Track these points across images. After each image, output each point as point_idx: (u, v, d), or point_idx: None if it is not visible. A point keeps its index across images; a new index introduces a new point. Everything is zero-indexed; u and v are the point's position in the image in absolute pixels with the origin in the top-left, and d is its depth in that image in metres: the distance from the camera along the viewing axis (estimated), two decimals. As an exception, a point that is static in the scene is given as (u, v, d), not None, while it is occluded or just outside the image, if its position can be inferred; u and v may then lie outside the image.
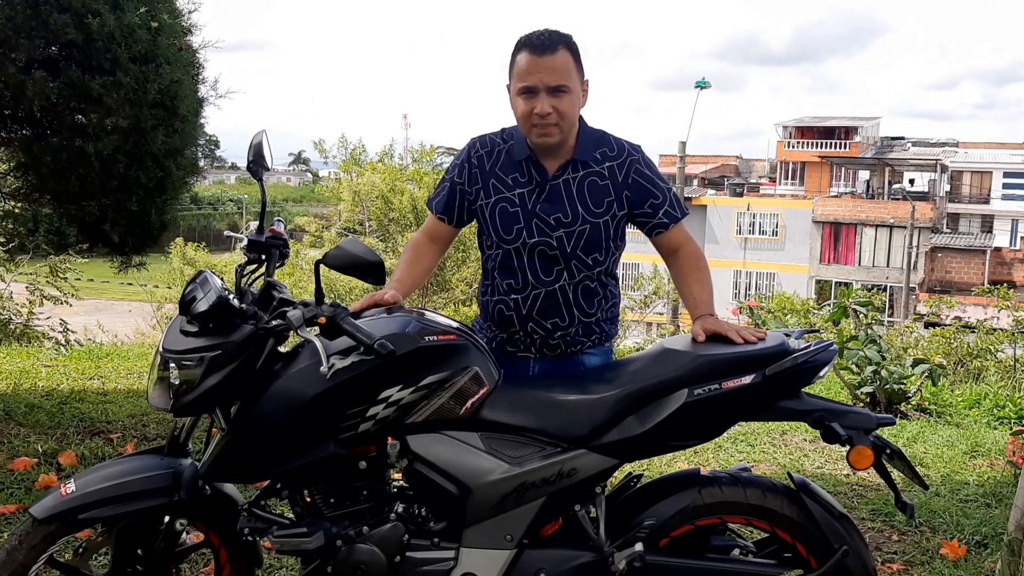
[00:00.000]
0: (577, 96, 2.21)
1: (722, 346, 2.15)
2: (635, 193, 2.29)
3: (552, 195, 2.26)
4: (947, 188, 36.55)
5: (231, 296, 2.04)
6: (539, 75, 2.15)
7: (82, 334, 9.06)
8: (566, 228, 2.25)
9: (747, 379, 2.07)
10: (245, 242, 2.19)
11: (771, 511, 2.16)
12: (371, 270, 1.97)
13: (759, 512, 2.16)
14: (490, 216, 2.30)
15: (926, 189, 35.15)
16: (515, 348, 2.36)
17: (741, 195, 36.25)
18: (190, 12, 4.79)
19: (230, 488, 2.22)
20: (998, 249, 34.29)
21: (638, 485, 2.26)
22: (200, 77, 4.90)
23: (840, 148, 38.97)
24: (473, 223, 2.45)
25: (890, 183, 35.95)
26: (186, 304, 2.03)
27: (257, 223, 2.23)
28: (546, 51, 2.16)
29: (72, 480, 2.10)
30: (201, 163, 5.41)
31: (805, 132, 40.23)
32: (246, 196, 50.49)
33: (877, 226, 32.84)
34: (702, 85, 25.93)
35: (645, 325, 17.23)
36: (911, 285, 30.42)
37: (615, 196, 2.27)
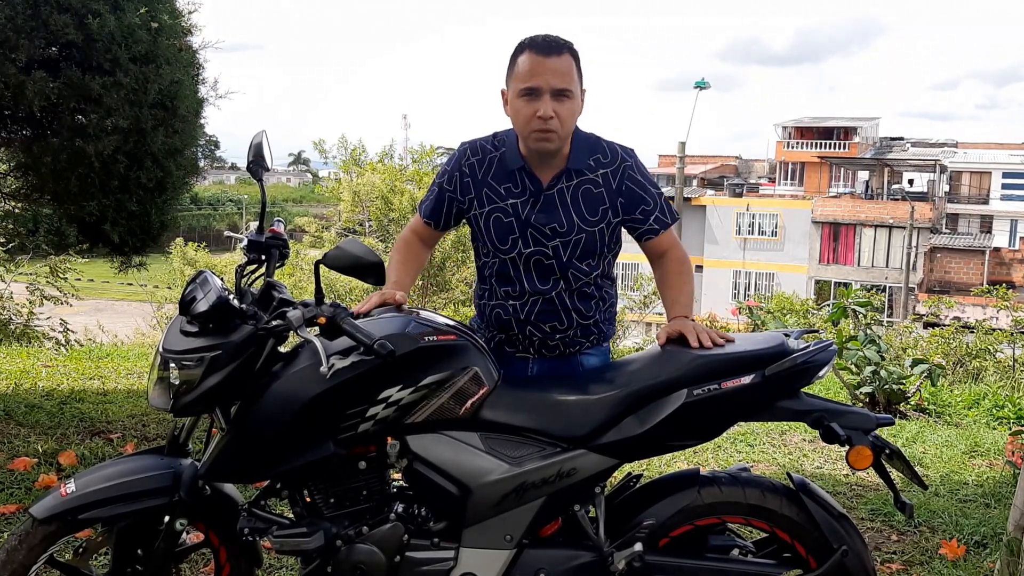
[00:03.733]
0: (577, 103, 2.19)
1: (722, 346, 2.15)
2: (628, 199, 2.27)
3: (546, 205, 2.24)
4: (946, 188, 36.54)
5: (231, 296, 2.04)
6: (544, 76, 2.12)
7: (82, 334, 9.07)
8: (562, 238, 2.23)
9: (746, 379, 2.07)
10: (245, 242, 2.19)
11: (770, 511, 2.16)
12: (371, 270, 1.97)
13: (758, 512, 2.16)
14: (484, 226, 2.29)
15: (925, 189, 35.14)
16: (513, 349, 2.36)
17: (740, 195, 36.25)
18: (190, 13, 4.80)
19: (230, 488, 2.22)
20: (997, 249, 34.27)
21: (637, 485, 2.25)
22: (200, 77, 4.90)
23: (839, 148, 38.97)
24: (465, 227, 2.45)
25: (889, 183, 35.95)
26: (186, 304, 2.03)
27: (257, 223, 2.22)
28: (552, 52, 2.13)
29: (72, 480, 2.10)
30: (201, 163, 5.42)
31: (804, 132, 40.22)
32: (246, 196, 50.47)
33: (876, 226, 32.84)
34: (701, 85, 25.93)
35: (645, 325, 17.22)
36: (910, 285, 30.42)
37: (609, 204, 2.25)
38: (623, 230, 2.36)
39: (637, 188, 2.27)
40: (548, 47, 2.13)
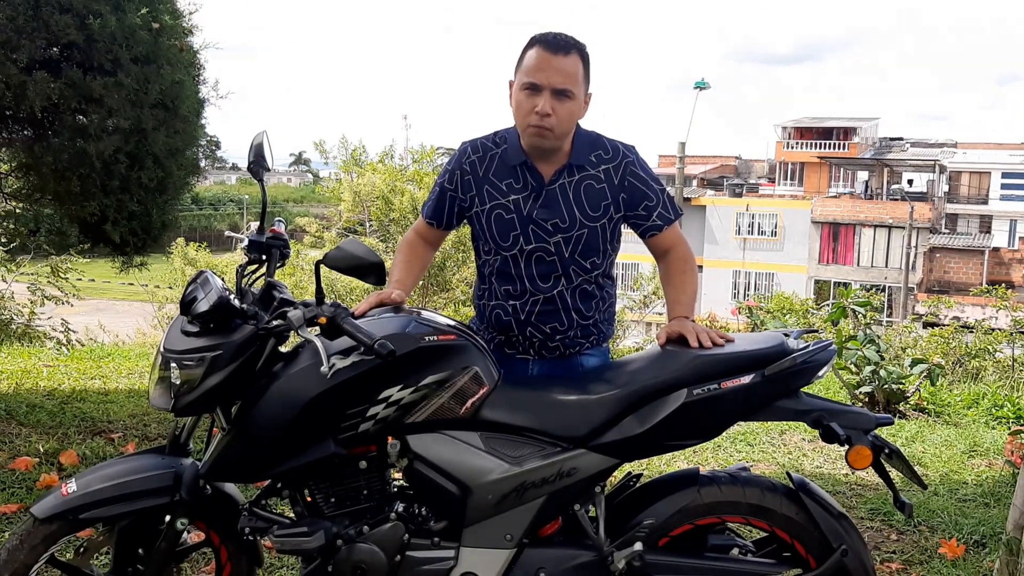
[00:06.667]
0: (579, 105, 2.20)
1: (721, 346, 2.16)
2: (631, 195, 2.27)
3: (548, 200, 2.24)
4: (945, 188, 36.55)
5: (232, 296, 2.05)
6: (547, 73, 2.13)
7: (83, 334, 9.06)
8: (564, 233, 2.24)
9: (746, 379, 2.08)
10: (246, 242, 2.19)
11: (770, 510, 2.16)
12: (372, 270, 1.97)
13: (758, 511, 2.17)
14: (486, 223, 2.28)
15: (925, 189, 35.14)
16: (513, 350, 2.36)
17: (740, 195, 36.24)
18: (191, 13, 4.80)
19: (231, 488, 2.23)
20: (996, 249, 34.27)
21: (637, 485, 2.26)
22: (201, 78, 4.91)
23: (839, 149, 38.95)
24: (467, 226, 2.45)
25: (889, 183, 35.95)
26: (187, 304, 2.04)
27: (258, 223, 2.23)
28: (559, 51, 2.14)
29: (73, 480, 2.11)
30: (202, 163, 5.42)
31: (804, 132, 40.20)
32: (247, 196, 50.50)
33: (876, 226, 32.84)
34: (701, 86, 25.93)
35: (645, 325, 17.21)
36: (909, 285, 30.41)
37: (611, 199, 2.26)
38: (626, 229, 2.37)
39: (639, 183, 2.28)
40: (557, 45, 2.14)
